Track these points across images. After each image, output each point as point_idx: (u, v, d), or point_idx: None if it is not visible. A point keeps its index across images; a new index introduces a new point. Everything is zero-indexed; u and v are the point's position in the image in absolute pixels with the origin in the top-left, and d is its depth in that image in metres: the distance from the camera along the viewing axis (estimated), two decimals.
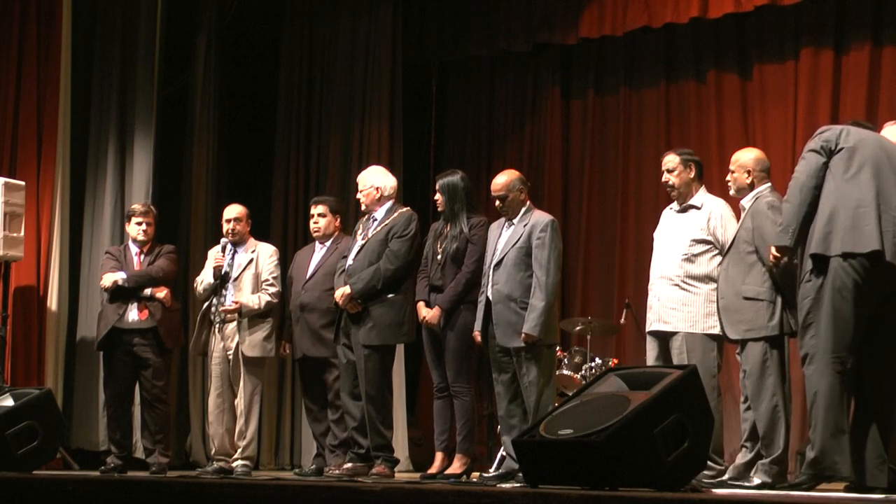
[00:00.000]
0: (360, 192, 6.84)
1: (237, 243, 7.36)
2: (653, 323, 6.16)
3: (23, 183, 8.31)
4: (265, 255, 7.38)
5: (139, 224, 7.54)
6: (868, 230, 5.01)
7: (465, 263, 6.51)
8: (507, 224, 6.39)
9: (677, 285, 6.07)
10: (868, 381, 5.09)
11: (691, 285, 6.05)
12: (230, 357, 7.21)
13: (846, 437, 4.99)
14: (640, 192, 9.23)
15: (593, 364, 8.04)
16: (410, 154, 9.82)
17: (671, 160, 6.26)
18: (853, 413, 5.11)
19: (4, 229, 8.04)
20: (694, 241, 6.09)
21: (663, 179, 6.27)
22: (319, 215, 7.30)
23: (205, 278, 7.38)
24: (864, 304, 5.02)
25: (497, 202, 6.42)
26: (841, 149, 5.13)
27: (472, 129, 10.27)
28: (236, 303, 7.17)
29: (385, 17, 9.59)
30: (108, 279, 7.38)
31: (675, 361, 5.96)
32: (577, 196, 9.64)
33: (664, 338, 6.12)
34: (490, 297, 6.29)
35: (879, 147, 5.18)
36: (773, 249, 5.36)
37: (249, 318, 7.18)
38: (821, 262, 5.06)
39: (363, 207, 6.85)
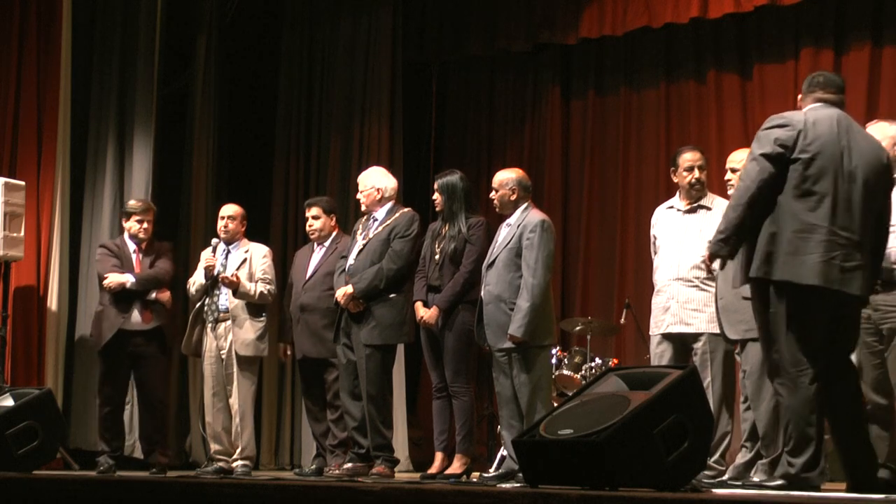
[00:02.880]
0: (361, 192, 6.84)
1: (230, 243, 7.36)
2: (670, 325, 6.08)
3: (23, 183, 8.31)
4: (258, 255, 7.38)
5: (139, 222, 7.49)
6: (810, 261, 4.66)
7: (462, 263, 6.49)
8: (506, 224, 6.39)
9: (696, 286, 6.03)
10: (837, 386, 4.88)
11: (711, 286, 5.98)
12: (223, 357, 7.21)
13: (819, 448, 4.80)
14: (640, 191, 9.23)
15: (593, 364, 8.03)
16: (410, 154, 9.82)
17: (702, 158, 6.18)
18: (833, 419, 4.91)
19: (4, 229, 8.03)
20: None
21: (695, 176, 6.14)
22: (314, 217, 7.29)
23: (197, 279, 7.37)
24: (817, 318, 4.77)
25: (491, 192, 6.43)
26: (797, 159, 4.71)
27: (472, 129, 10.27)
28: (235, 275, 7.16)
29: (385, 17, 9.60)
30: (115, 280, 7.33)
31: (698, 362, 5.93)
32: (577, 196, 9.64)
33: (683, 340, 6.07)
34: (482, 298, 6.28)
35: (839, 151, 4.77)
36: (706, 253, 5.10)
37: (242, 317, 7.19)
38: (764, 284, 4.80)
39: (363, 208, 6.85)
